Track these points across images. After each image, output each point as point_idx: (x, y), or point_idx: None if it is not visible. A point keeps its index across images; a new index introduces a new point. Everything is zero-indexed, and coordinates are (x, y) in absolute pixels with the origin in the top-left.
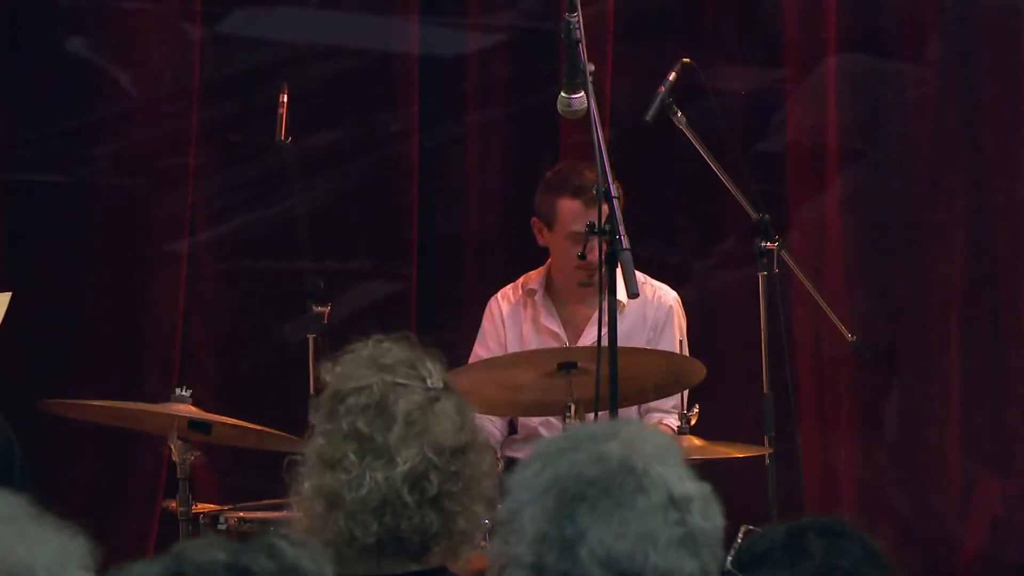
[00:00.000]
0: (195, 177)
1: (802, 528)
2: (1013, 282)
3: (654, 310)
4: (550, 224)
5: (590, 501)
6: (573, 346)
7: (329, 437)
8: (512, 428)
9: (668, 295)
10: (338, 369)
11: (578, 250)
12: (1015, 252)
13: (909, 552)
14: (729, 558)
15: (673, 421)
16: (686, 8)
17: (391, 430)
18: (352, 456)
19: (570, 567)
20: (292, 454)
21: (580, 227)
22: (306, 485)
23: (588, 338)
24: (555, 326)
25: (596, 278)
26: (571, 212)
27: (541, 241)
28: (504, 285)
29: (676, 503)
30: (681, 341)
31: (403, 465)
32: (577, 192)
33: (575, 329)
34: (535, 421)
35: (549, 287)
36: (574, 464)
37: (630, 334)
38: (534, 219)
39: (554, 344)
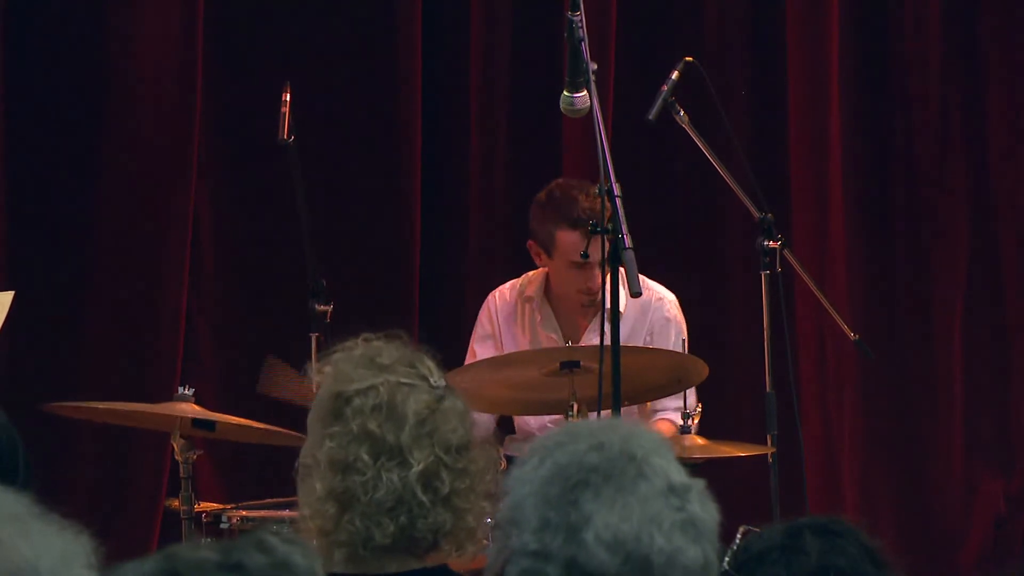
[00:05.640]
0: (198, 176)
1: (799, 527)
2: (1017, 280)
3: (652, 313)
4: (548, 251)
5: (593, 487)
6: (576, 345)
7: (338, 439)
8: (510, 427)
9: (667, 298)
10: (330, 370)
11: (580, 274)
12: (1019, 250)
13: (912, 551)
14: (726, 559)
15: (676, 418)
16: (690, 6)
17: (403, 430)
18: (366, 457)
19: (576, 551)
20: (298, 457)
21: (580, 257)
22: (318, 487)
23: (588, 343)
24: (552, 334)
25: (597, 299)
26: (571, 244)
27: (540, 264)
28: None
29: (676, 490)
30: (684, 341)
31: (417, 465)
32: (576, 224)
33: (574, 336)
34: (533, 425)
35: (547, 294)
36: (575, 453)
37: (630, 337)
38: (531, 243)
39: None
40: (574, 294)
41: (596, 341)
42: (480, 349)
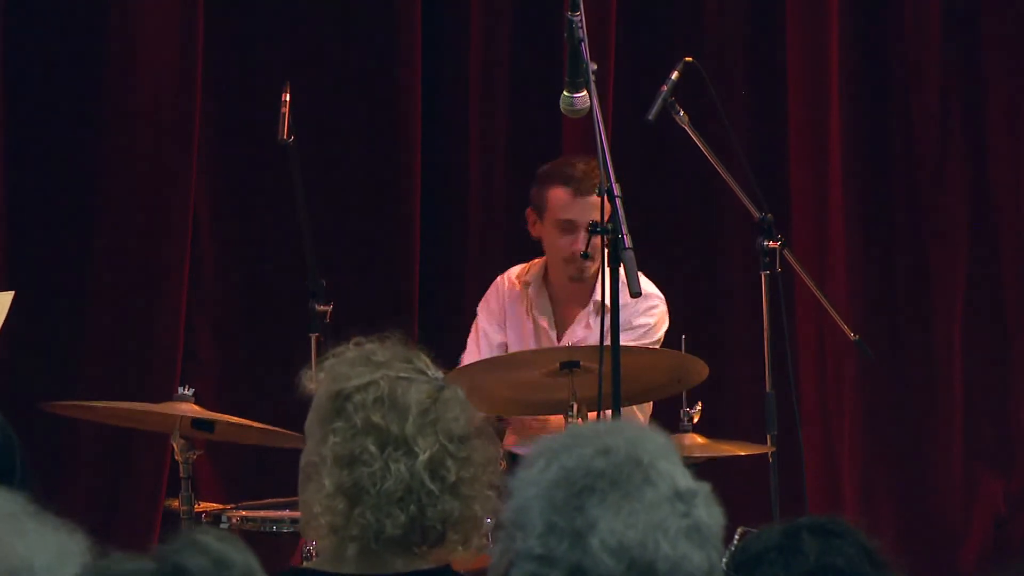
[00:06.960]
0: (198, 176)
1: (797, 528)
2: (1016, 280)
3: (634, 302)
4: (540, 214)
5: (599, 493)
6: (574, 345)
7: (343, 434)
8: None
9: (649, 288)
10: (325, 373)
11: (565, 239)
12: (1018, 249)
13: (912, 551)
14: (724, 559)
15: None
16: (690, 6)
17: (407, 420)
18: (372, 449)
19: (581, 556)
20: (299, 456)
21: (567, 216)
22: (326, 483)
23: (574, 334)
24: (544, 320)
25: (587, 273)
26: (559, 201)
27: (533, 233)
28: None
29: (682, 496)
30: (658, 340)
31: (423, 454)
32: (566, 181)
33: (563, 324)
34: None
35: (545, 280)
36: (581, 458)
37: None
38: (528, 210)
39: (544, 337)
40: (562, 263)
41: (582, 331)
42: (485, 317)
